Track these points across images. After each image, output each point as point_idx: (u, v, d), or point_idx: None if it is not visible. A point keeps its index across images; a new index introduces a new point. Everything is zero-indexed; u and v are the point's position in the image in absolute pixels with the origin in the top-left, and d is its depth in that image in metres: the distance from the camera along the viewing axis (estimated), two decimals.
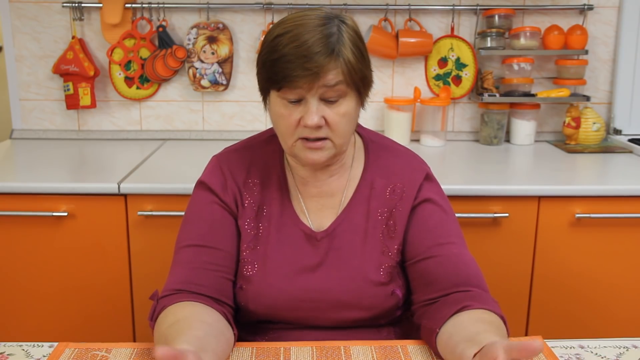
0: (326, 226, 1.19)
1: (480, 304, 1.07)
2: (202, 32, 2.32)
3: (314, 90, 1.05)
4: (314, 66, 1.02)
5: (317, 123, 1.06)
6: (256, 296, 1.16)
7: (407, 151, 1.26)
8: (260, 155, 1.23)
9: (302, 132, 1.09)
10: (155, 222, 1.82)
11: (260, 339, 1.20)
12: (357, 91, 1.10)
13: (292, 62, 1.03)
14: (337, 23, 1.07)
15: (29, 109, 2.42)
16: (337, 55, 1.04)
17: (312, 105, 1.06)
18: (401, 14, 2.36)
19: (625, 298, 1.90)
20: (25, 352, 1.06)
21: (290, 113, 1.08)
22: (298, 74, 1.03)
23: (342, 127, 1.09)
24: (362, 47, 1.09)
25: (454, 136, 2.45)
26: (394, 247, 1.18)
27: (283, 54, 1.04)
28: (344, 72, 1.05)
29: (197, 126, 2.43)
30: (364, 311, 1.17)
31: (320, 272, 1.17)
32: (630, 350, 1.08)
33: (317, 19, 1.06)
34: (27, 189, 1.82)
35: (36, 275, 1.87)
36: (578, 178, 2.03)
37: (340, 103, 1.08)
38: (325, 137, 1.09)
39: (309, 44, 1.03)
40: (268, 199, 1.20)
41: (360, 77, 1.08)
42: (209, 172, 1.22)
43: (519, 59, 2.30)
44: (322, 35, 1.04)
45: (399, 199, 1.18)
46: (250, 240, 1.18)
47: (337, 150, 1.12)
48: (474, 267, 1.15)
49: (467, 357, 0.91)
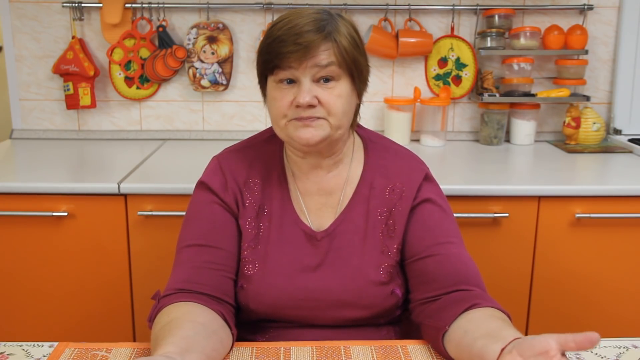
0: (326, 226, 1.19)
1: (488, 303, 1.07)
2: (202, 32, 2.32)
3: (306, 70, 1.08)
4: (304, 41, 1.06)
5: (309, 101, 1.08)
6: (257, 295, 1.16)
7: (407, 151, 1.27)
8: (260, 154, 1.23)
9: (295, 113, 1.10)
10: (155, 222, 1.82)
11: (261, 338, 1.20)
12: (351, 77, 1.12)
13: (284, 41, 1.07)
14: (333, 15, 1.12)
15: (29, 109, 2.42)
16: (329, 36, 1.08)
17: (305, 85, 1.09)
18: (401, 14, 2.36)
19: (625, 298, 1.90)
20: (25, 352, 1.06)
21: (283, 95, 1.11)
22: (289, 49, 1.07)
23: (337, 107, 1.11)
24: (357, 38, 1.13)
25: (454, 136, 2.45)
26: (394, 246, 1.18)
27: (277, 36, 1.08)
28: (335, 53, 1.08)
29: (197, 126, 2.43)
30: (363, 310, 1.17)
31: (320, 272, 1.17)
32: (630, 350, 1.08)
33: (314, 12, 1.11)
34: (27, 189, 1.82)
35: (36, 275, 1.87)
36: (578, 178, 2.03)
37: (334, 85, 1.10)
38: (320, 117, 1.11)
39: (300, 25, 1.07)
40: (269, 198, 1.20)
41: (353, 61, 1.11)
42: (209, 172, 1.23)
43: (519, 59, 2.30)
44: (315, 19, 1.08)
45: (398, 198, 1.19)
46: (251, 240, 1.18)
47: (332, 131, 1.12)
48: (473, 267, 1.16)
49: (492, 352, 0.89)
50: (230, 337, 1.06)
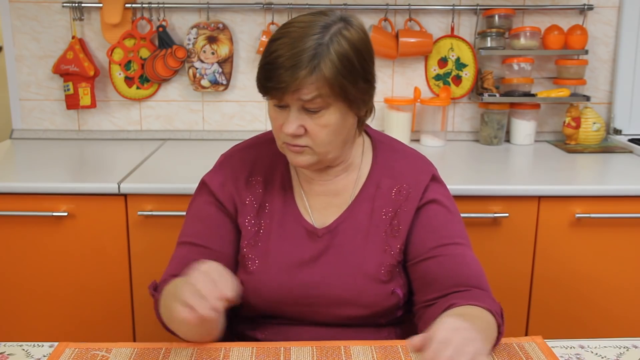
0: (329, 223, 1.20)
1: (465, 301, 1.07)
2: (202, 32, 2.32)
3: (293, 101, 1.07)
4: (287, 80, 1.04)
5: (294, 132, 1.09)
6: (256, 290, 1.18)
7: (415, 153, 1.27)
8: (265, 153, 1.25)
9: (284, 137, 1.12)
10: (155, 222, 1.82)
11: (260, 335, 1.21)
12: (345, 103, 1.09)
13: (272, 72, 1.06)
14: (333, 32, 1.06)
15: (29, 109, 2.42)
16: (313, 70, 1.04)
17: (292, 115, 1.09)
18: (401, 14, 2.36)
19: (625, 298, 1.90)
20: (25, 352, 1.06)
21: (277, 117, 1.12)
22: (273, 85, 1.06)
23: (322, 137, 1.10)
24: (354, 58, 1.07)
25: (454, 136, 2.45)
26: (397, 246, 1.18)
27: (268, 62, 1.07)
28: (319, 87, 1.05)
29: (197, 126, 2.43)
30: (363, 308, 1.17)
31: (320, 268, 1.18)
32: (630, 350, 1.08)
33: (316, 28, 1.06)
34: (27, 189, 1.82)
35: (36, 275, 1.87)
36: (578, 178, 2.03)
37: (322, 114, 1.09)
38: (304, 145, 1.11)
39: (290, 55, 1.04)
40: (271, 196, 1.21)
41: (341, 92, 1.07)
42: (212, 170, 1.26)
43: (519, 59, 2.30)
44: (308, 47, 1.04)
45: (404, 199, 1.19)
46: (251, 237, 1.20)
47: (320, 157, 1.13)
48: (475, 267, 1.16)
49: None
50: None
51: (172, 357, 1.04)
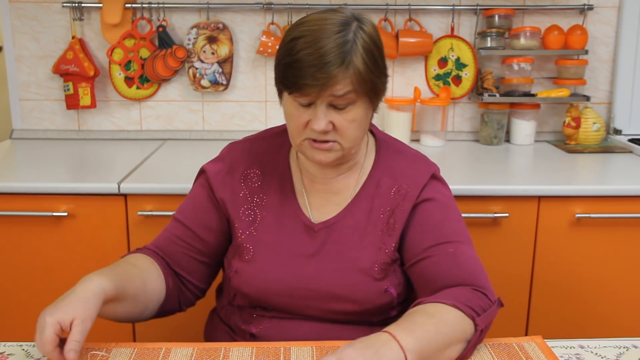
0: (326, 219, 1.20)
1: (433, 299, 1.06)
2: (202, 32, 2.32)
3: (322, 98, 1.08)
4: (323, 77, 1.04)
5: (324, 128, 1.09)
6: (249, 279, 1.19)
7: (418, 154, 1.28)
8: (268, 146, 1.27)
9: (310, 134, 1.12)
10: (155, 222, 1.82)
11: (254, 329, 1.22)
12: (368, 98, 1.12)
13: (303, 70, 1.05)
14: (354, 29, 1.08)
15: (29, 109, 2.42)
16: (348, 66, 1.05)
17: (320, 111, 1.09)
18: (401, 14, 2.36)
19: (625, 298, 1.90)
20: (25, 352, 1.06)
21: (299, 114, 1.11)
22: (307, 82, 1.05)
23: (350, 132, 1.12)
24: (376, 54, 1.10)
25: (454, 136, 2.45)
26: (391, 244, 1.18)
27: (295, 60, 1.06)
28: (353, 82, 1.07)
29: (197, 126, 2.43)
30: (354, 304, 1.17)
31: (314, 262, 1.18)
32: (630, 350, 1.08)
33: (335, 25, 1.07)
34: (27, 189, 1.82)
35: (36, 275, 1.87)
36: (578, 178, 2.03)
37: (349, 109, 1.10)
38: (334, 140, 1.12)
39: (320, 53, 1.04)
40: (268, 189, 1.23)
41: (371, 86, 1.10)
42: (214, 159, 1.29)
43: (519, 59, 2.30)
44: (336, 44, 1.05)
45: (402, 198, 1.20)
46: (245, 227, 1.21)
47: (344, 152, 1.15)
48: (469, 265, 1.15)
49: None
50: (157, 291, 1.17)
51: (172, 357, 1.04)
